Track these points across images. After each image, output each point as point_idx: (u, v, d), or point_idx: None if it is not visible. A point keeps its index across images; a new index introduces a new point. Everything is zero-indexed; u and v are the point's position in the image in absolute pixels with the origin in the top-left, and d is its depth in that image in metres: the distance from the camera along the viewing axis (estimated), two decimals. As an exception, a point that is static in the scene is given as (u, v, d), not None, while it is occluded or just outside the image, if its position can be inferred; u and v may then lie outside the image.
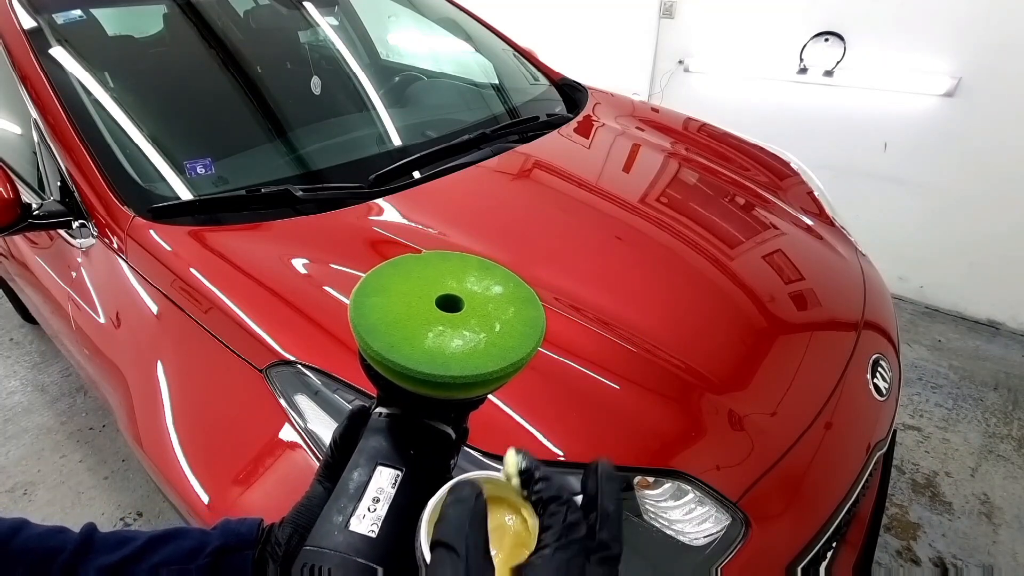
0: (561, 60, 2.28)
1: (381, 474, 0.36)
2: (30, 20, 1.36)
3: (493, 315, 0.38)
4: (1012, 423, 1.97)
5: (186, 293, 1.02)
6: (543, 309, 0.39)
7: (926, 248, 2.46)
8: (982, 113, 2.14)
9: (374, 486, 0.35)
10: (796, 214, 1.48)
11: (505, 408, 0.83)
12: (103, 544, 0.40)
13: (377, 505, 0.34)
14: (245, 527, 0.42)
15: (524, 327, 0.37)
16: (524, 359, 0.35)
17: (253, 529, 0.42)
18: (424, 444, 0.38)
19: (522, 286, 0.41)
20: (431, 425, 0.39)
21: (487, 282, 0.40)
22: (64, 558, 0.38)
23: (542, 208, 1.34)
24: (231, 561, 0.40)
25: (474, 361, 0.34)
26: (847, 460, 1.00)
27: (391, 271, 0.40)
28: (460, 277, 0.40)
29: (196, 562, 0.40)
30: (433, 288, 0.39)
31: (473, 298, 0.39)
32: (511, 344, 0.36)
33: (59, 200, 1.23)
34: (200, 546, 0.41)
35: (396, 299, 0.38)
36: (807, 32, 2.40)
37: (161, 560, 0.40)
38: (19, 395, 2.26)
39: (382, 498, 0.34)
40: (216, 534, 0.42)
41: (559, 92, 1.95)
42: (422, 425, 0.39)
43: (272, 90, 1.61)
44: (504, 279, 0.41)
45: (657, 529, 0.80)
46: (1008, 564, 1.53)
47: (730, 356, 1.03)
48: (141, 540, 0.41)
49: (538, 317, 0.38)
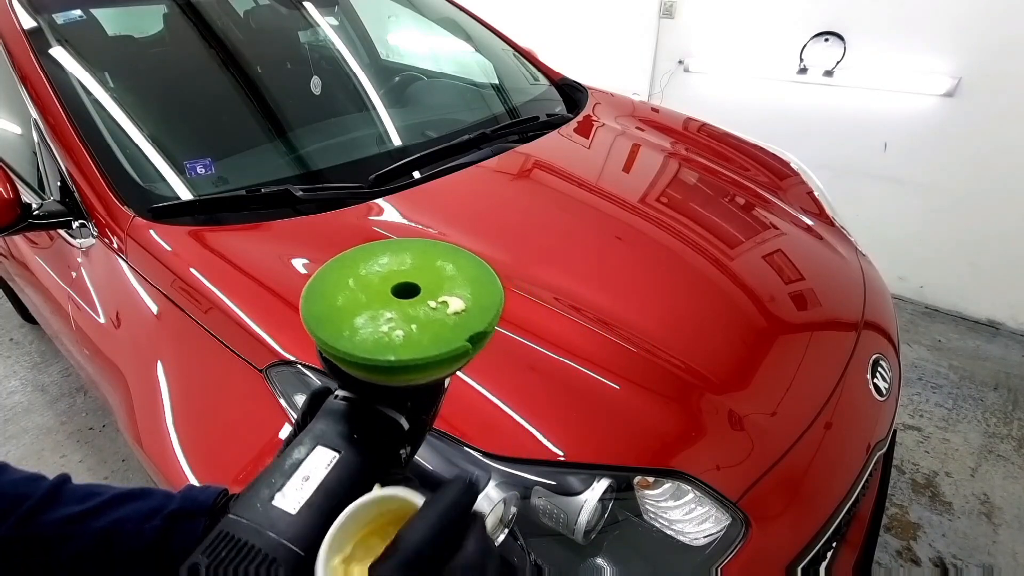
0: (561, 60, 2.28)
1: (318, 454, 0.36)
2: (30, 20, 1.36)
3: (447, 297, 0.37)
4: (1012, 423, 1.97)
5: (186, 293, 1.02)
6: (501, 288, 0.39)
7: (926, 248, 2.46)
8: (982, 113, 2.14)
9: (308, 465, 0.35)
10: (796, 214, 1.48)
11: (505, 408, 0.83)
12: (70, 496, 0.41)
13: (306, 484, 0.34)
14: (205, 494, 0.43)
15: (479, 307, 0.37)
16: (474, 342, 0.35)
17: (211, 497, 0.43)
18: (370, 430, 0.38)
19: (481, 266, 0.40)
20: (381, 412, 0.39)
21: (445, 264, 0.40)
22: (29, 504, 0.39)
23: (542, 208, 1.34)
24: (184, 526, 0.41)
25: (416, 345, 0.34)
26: (847, 460, 1.00)
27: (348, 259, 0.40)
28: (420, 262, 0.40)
29: (151, 523, 0.41)
30: (391, 275, 0.39)
31: (429, 282, 0.38)
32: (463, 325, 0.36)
33: (59, 200, 1.23)
34: (159, 507, 0.41)
35: (348, 287, 0.38)
36: (807, 32, 2.40)
37: (118, 517, 0.41)
38: (19, 395, 2.26)
39: (312, 477, 0.34)
40: (177, 498, 0.42)
41: (559, 92, 1.95)
42: (372, 411, 0.39)
43: (272, 90, 1.61)
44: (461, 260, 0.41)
45: (657, 529, 0.80)
46: (1008, 564, 1.53)
47: (730, 356, 1.03)
48: (106, 496, 0.42)
49: (493, 294, 0.38)
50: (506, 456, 0.77)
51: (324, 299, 0.37)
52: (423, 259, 0.40)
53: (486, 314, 0.37)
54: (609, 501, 0.78)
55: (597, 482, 0.76)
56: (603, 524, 0.78)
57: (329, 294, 0.37)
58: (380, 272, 0.39)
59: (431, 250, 0.41)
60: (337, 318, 0.36)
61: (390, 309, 0.36)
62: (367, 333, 0.35)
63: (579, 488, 0.75)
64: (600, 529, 0.77)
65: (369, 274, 0.39)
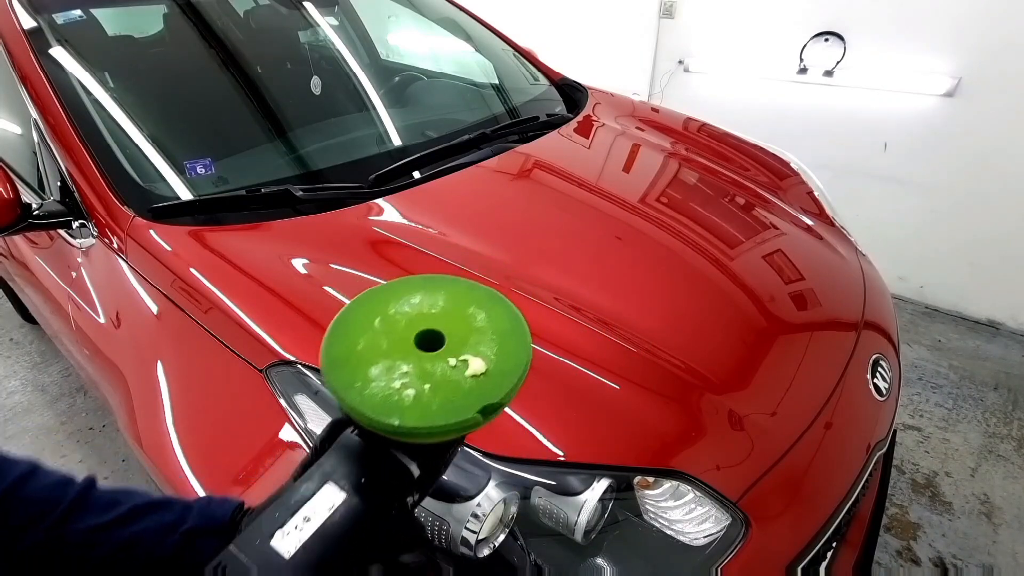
0: (561, 60, 2.28)
1: (324, 493, 0.35)
2: (30, 20, 1.36)
3: (470, 356, 0.35)
4: (1012, 423, 1.97)
5: (186, 293, 1.02)
6: (530, 348, 0.37)
7: (926, 248, 2.46)
8: (982, 113, 2.14)
9: (312, 505, 0.34)
10: (796, 214, 1.48)
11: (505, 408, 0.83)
12: (96, 503, 0.42)
13: (306, 525, 0.33)
14: (222, 509, 0.43)
15: (500, 371, 0.35)
16: (485, 414, 0.33)
17: (228, 513, 0.43)
18: (380, 475, 0.37)
19: (514, 319, 0.38)
20: (395, 456, 0.37)
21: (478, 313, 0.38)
22: (60, 510, 0.40)
23: (542, 208, 1.34)
24: (199, 543, 0.42)
25: (424, 410, 0.32)
26: (847, 460, 1.00)
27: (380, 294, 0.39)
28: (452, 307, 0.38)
29: (171, 537, 0.41)
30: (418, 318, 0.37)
31: (456, 332, 0.36)
32: (479, 393, 0.33)
33: (59, 200, 1.23)
34: (178, 521, 0.42)
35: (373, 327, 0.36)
36: (807, 32, 2.40)
37: (141, 529, 0.42)
38: (19, 395, 2.26)
39: (313, 519, 0.34)
40: (194, 513, 0.43)
41: (559, 92, 1.95)
42: (385, 455, 0.37)
43: (272, 90, 1.61)
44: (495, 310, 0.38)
45: (657, 529, 0.80)
46: (1008, 564, 1.53)
47: (730, 356, 1.03)
48: (128, 505, 0.43)
49: (519, 356, 0.35)
50: (506, 456, 0.76)
51: (346, 339, 0.36)
52: (456, 303, 0.38)
53: (505, 381, 0.35)
54: (609, 501, 0.78)
55: (597, 482, 0.76)
56: (603, 524, 0.78)
57: (352, 334, 0.36)
58: (409, 313, 0.38)
59: (467, 294, 0.39)
60: (354, 365, 0.35)
61: (408, 361, 0.35)
62: (378, 388, 0.33)
63: (579, 488, 0.75)
64: (600, 529, 0.77)
65: (397, 314, 0.38)
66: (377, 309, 0.38)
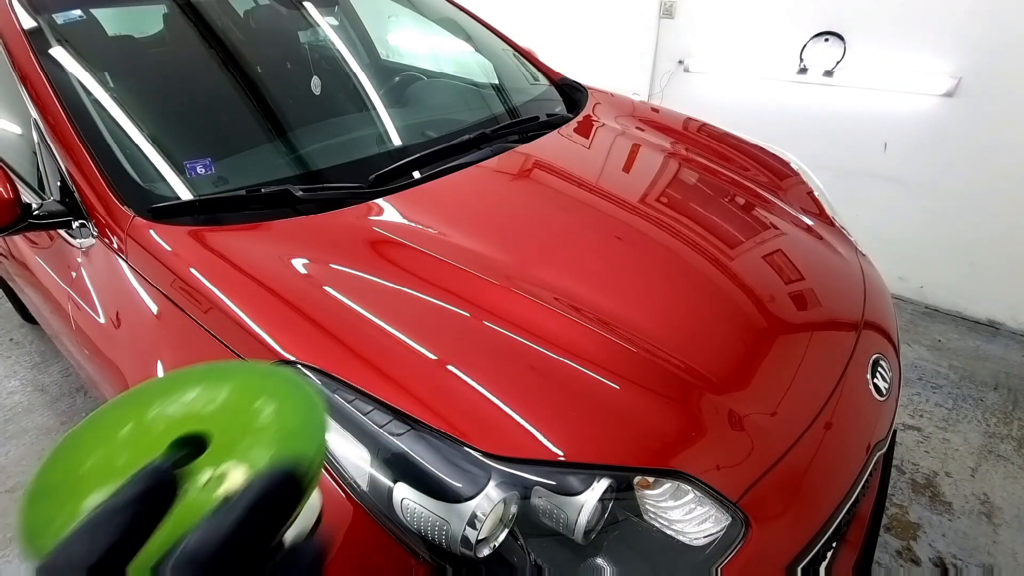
0: (561, 60, 2.28)
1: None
2: (30, 20, 1.36)
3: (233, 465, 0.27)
4: (1012, 423, 1.97)
5: (186, 293, 1.02)
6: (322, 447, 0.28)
7: (926, 248, 2.46)
8: (982, 113, 2.14)
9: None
10: (796, 214, 1.48)
11: (505, 408, 0.83)
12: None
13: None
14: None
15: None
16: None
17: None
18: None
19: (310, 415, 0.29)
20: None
21: (266, 407, 0.29)
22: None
23: (542, 208, 1.34)
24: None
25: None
26: (847, 460, 1.00)
27: (146, 392, 0.31)
28: (237, 400, 0.30)
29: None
30: (184, 420, 0.29)
31: (227, 433, 0.28)
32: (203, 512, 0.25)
33: (59, 200, 1.23)
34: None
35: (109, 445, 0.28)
36: (807, 32, 2.40)
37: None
38: (19, 395, 2.26)
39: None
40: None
41: (559, 92, 1.95)
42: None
43: (272, 90, 1.61)
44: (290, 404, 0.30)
45: (657, 529, 0.80)
46: (1008, 564, 1.53)
47: (730, 356, 1.03)
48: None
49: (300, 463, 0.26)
50: (506, 456, 0.76)
51: (69, 459, 0.27)
52: (242, 395, 0.30)
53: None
54: (609, 501, 0.78)
55: (597, 482, 0.76)
56: (603, 524, 0.78)
57: (83, 450, 0.28)
58: (171, 416, 0.29)
59: (259, 384, 0.31)
60: (65, 494, 0.26)
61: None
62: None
63: (579, 488, 0.75)
64: (600, 529, 0.77)
65: (158, 417, 0.29)
66: (132, 413, 0.30)
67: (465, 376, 0.85)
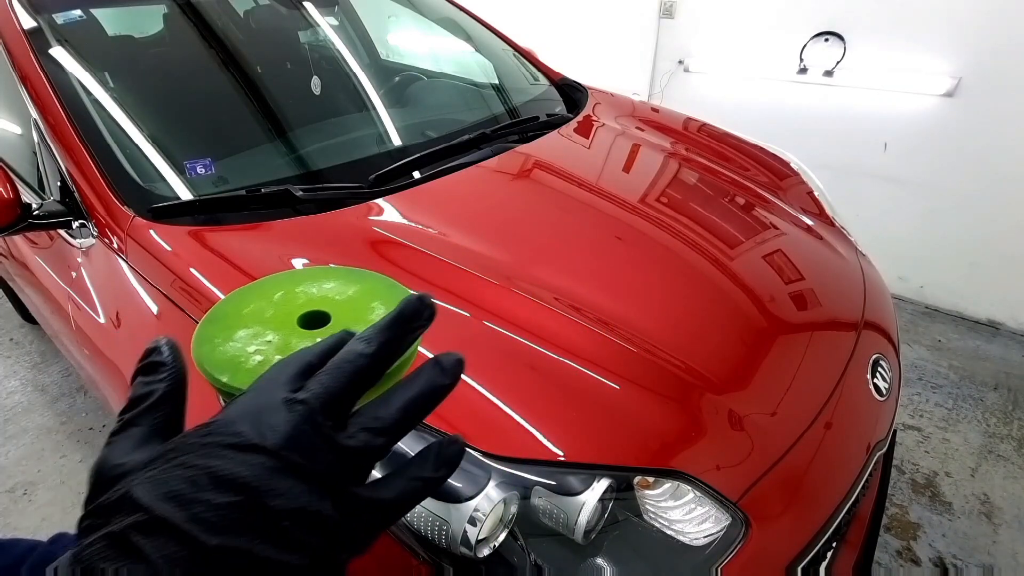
0: (561, 60, 2.28)
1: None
2: (30, 20, 1.36)
3: (350, 322, 0.35)
4: (1012, 423, 1.97)
5: (186, 293, 1.02)
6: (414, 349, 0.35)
7: (926, 248, 2.46)
8: (982, 113, 2.14)
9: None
10: (796, 214, 1.48)
11: (505, 408, 0.83)
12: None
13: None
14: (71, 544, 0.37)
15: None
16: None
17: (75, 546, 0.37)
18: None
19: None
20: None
21: (379, 307, 0.37)
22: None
23: (542, 208, 1.34)
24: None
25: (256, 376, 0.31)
26: (847, 460, 1.00)
27: (294, 276, 0.38)
28: (359, 298, 0.37)
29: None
30: (317, 300, 0.37)
31: (344, 318, 0.36)
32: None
33: (59, 200, 1.23)
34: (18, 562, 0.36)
35: (265, 300, 0.36)
36: (807, 32, 2.40)
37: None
38: (19, 395, 2.27)
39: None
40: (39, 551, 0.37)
41: (559, 92, 1.95)
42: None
43: (272, 90, 1.61)
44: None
45: (657, 529, 0.80)
46: (1008, 564, 1.53)
47: (730, 356, 1.03)
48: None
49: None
50: (506, 456, 0.76)
51: (241, 302, 0.36)
52: (365, 295, 0.38)
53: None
54: (609, 501, 0.78)
55: (597, 482, 0.76)
56: (603, 524, 0.78)
57: (249, 299, 0.36)
58: (312, 294, 0.37)
59: (381, 291, 0.38)
60: (227, 323, 0.35)
61: (279, 333, 0.34)
62: (233, 348, 0.33)
63: (579, 488, 0.75)
64: (600, 529, 0.77)
65: (302, 292, 0.37)
66: (288, 284, 0.38)
67: (465, 376, 0.85)
